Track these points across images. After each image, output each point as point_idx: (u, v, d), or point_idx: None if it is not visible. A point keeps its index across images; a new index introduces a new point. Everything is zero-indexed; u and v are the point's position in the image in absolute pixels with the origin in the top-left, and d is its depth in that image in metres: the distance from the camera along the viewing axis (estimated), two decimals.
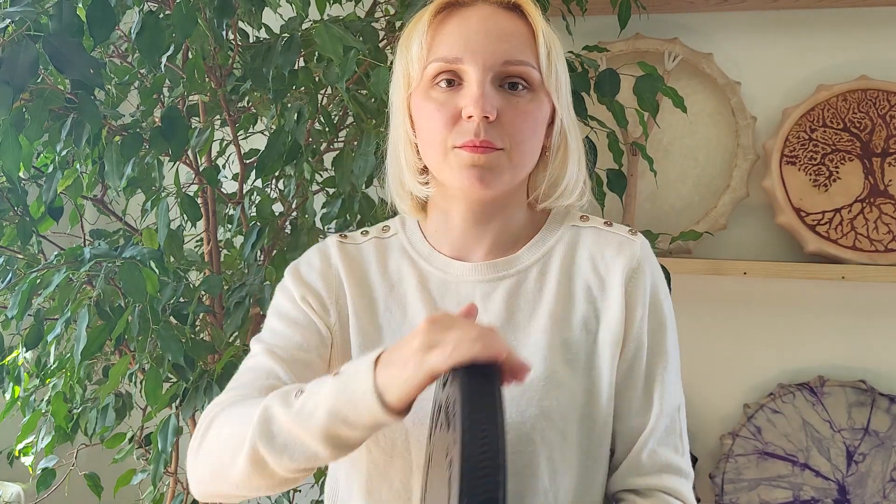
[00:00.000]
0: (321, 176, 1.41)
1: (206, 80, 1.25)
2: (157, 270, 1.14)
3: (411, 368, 0.58)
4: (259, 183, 1.43)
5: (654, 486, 0.78)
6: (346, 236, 0.88)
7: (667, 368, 0.80)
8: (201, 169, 1.32)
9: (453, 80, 0.75)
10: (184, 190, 1.30)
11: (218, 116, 1.37)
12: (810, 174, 1.58)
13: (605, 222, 0.85)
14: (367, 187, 1.18)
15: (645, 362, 0.80)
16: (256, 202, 1.35)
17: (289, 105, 1.23)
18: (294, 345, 0.80)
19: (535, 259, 0.82)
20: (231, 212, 1.39)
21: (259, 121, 1.49)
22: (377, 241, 0.87)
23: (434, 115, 0.75)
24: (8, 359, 1.36)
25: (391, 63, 0.86)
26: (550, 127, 0.81)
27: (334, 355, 0.83)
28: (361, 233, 0.89)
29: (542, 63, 0.77)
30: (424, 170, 0.82)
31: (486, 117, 0.73)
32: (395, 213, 0.91)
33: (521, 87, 0.76)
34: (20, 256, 1.32)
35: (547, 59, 0.77)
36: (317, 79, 1.24)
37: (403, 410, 0.60)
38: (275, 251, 1.38)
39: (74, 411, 1.36)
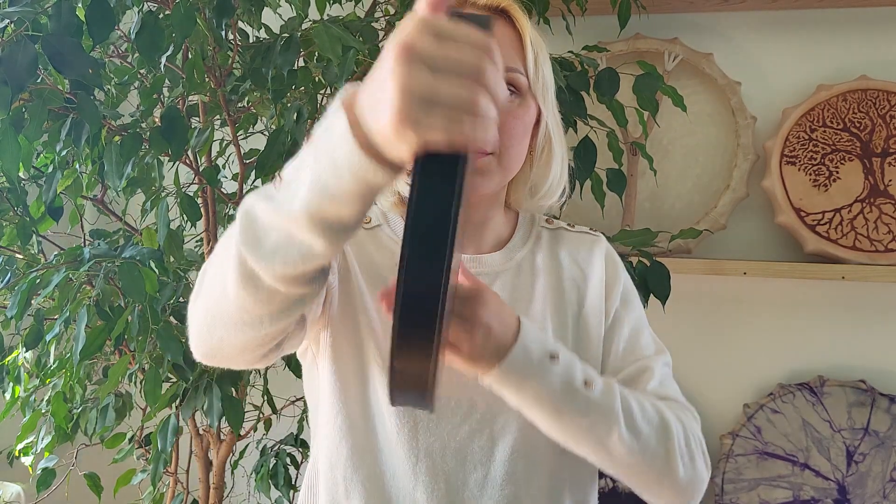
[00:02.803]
0: None
1: (206, 80, 1.25)
2: (156, 270, 1.14)
3: (390, 131, 0.44)
4: (259, 183, 1.43)
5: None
6: None
7: (645, 336, 0.86)
8: (201, 169, 1.32)
9: None
10: (184, 190, 1.30)
11: (218, 116, 1.37)
12: (810, 174, 1.57)
13: (568, 224, 0.92)
14: None
15: (626, 328, 0.85)
16: None
17: (288, 105, 1.23)
18: None
19: (524, 254, 0.87)
20: (231, 212, 1.39)
21: (259, 121, 1.49)
22: (362, 230, 0.87)
23: None
24: (8, 359, 1.36)
25: None
26: (536, 129, 0.83)
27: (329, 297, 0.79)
28: None
29: (529, 69, 0.79)
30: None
31: None
32: None
33: (509, 92, 0.78)
34: (20, 256, 1.32)
35: (534, 64, 0.79)
36: (316, 79, 1.24)
37: (394, 160, 0.46)
38: None
39: (74, 411, 1.36)
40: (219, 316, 0.59)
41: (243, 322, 0.58)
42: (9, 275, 1.28)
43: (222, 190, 1.37)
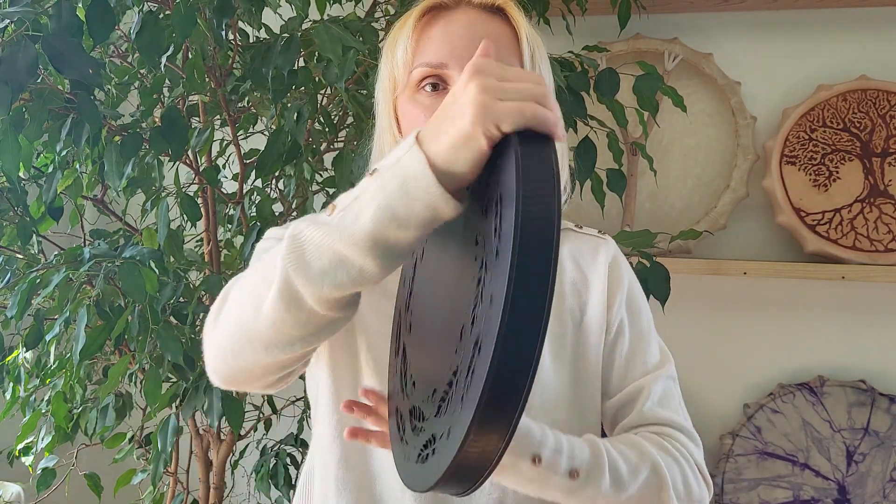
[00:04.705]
0: (321, 176, 1.41)
1: (206, 80, 1.25)
2: (156, 270, 1.14)
3: (468, 124, 0.49)
4: (259, 183, 1.43)
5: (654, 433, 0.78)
6: None
7: (649, 345, 0.85)
8: (201, 169, 1.32)
9: (438, 85, 0.76)
10: (184, 190, 1.30)
11: (218, 116, 1.37)
12: (810, 174, 1.58)
13: (575, 225, 0.90)
14: None
15: (627, 340, 0.84)
16: (256, 202, 1.35)
17: (288, 105, 1.23)
18: None
19: None
20: (231, 212, 1.39)
21: (259, 121, 1.49)
22: None
23: (419, 119, 0.76)
24: (8, 359, 1.36)
25: None
26: None
27: None
28: None
29: (525, 67, 0.78)
30: None
31: None
32: None
33: None
34: (20, 256, 1.32)
35: (531, 62, 0.78)
36: (316, 79, 1.24)
37: (461, 190, 0.52)
38: None
39: (74, 411, 1.36)
40: (249, 338, 0.61)
41: (275, 343, 0.60)
42: (9, 275, 1.28)
43: (222, 190, 1.38)
